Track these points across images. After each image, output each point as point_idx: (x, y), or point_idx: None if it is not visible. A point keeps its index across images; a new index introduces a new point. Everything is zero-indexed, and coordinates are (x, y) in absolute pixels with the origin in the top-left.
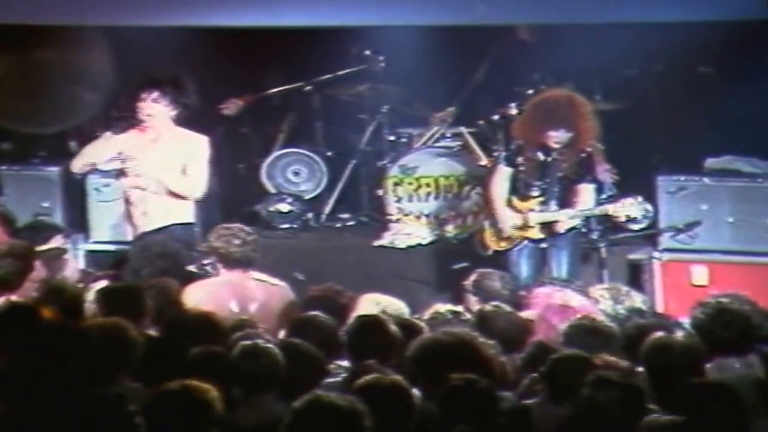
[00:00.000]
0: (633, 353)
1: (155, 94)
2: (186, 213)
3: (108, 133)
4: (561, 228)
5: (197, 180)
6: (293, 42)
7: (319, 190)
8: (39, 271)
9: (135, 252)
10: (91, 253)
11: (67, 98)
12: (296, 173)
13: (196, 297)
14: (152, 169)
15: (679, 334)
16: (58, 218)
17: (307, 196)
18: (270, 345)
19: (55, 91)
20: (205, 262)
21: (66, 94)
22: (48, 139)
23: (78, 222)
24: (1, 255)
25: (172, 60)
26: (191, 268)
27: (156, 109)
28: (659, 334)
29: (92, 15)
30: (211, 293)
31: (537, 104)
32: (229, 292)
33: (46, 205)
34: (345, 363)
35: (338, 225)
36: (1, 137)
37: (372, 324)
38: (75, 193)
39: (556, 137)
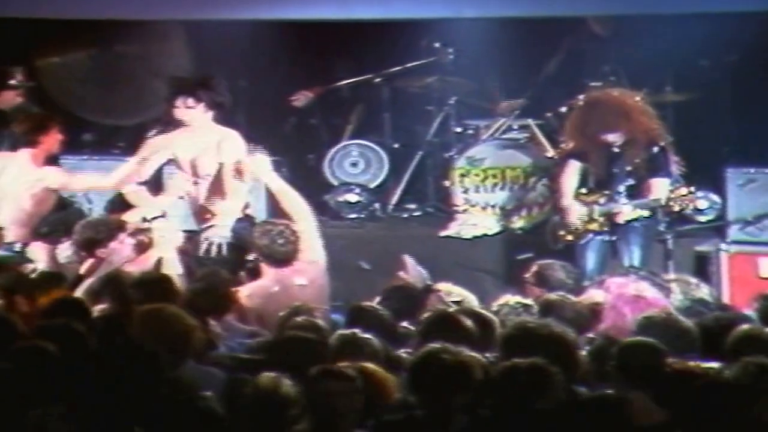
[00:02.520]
0: (713, 347)
1: (189, 101)
2: (237, 209)
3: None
4: (621, 219)
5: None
6: (363, 35)
7: (378, 182)
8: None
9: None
10: None
11: (146, 91)
12: (354, 164)
13: (254, 304)
14: (200, 171)
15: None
16: None
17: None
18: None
19: (134, 83)
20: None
21: (145, 86)
22: (127, 131)
23: None
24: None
25: (245, 52)
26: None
27: (191, 114)
28: (745, 326)
29: (170, 10)
30: (266, 297)
31: (586, 108)
32: (281, 292)
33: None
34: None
35: (405, 215)
36: (84, 128)
37: (447, 318)
38: (151, 183)
39: (613, 137)
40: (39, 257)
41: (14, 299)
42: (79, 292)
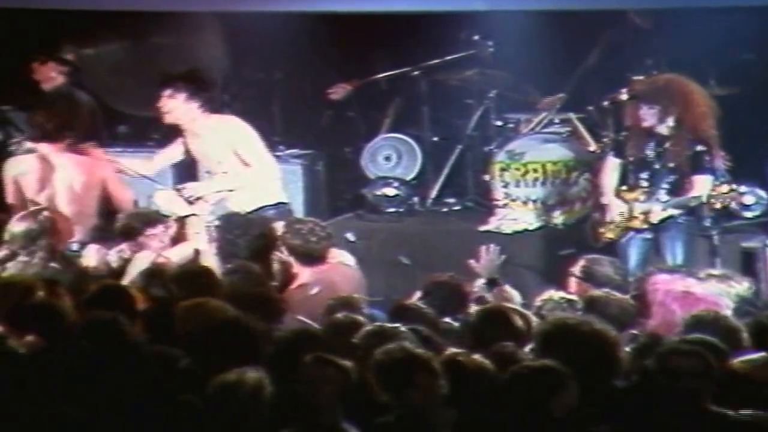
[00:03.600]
0: (765, 343)
1: (169, 91)
2: (274, 193)
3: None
4: (654, 218)
5: (260, 163)
6: (401, 27)
7: (412, 175)
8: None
9: (230, 222)
10: None
11: None
12: (387, 158)
13: (297, 308)
14: (213, 161)
15: None
16: None
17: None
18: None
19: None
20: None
21: None
22: (162, 123)
23: None
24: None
25: (281, 44)
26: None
27: (170, 104)
28: None
29: (206, 1)
30: (309, 299)
31: (637, 85)
32: (323, 292)
33: (159, 187)
34: None
35: (444, 209)
36: (118, 120)
37: (498, 313)
38: (188, 175)
39: (645, 113)
40: (92, 258)
41: (58, 290)
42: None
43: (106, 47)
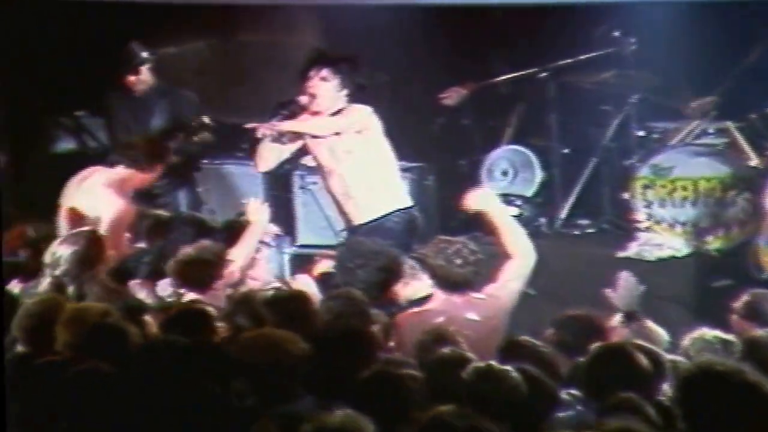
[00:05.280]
0: None
1: (324, 72)
2: (401, 197)
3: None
4: None
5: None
6: (525, 21)
7: (529, 193)
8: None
9: (353, 250)
10: (298, 257)
11: (272, 85)
12: (504, 173)
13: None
14: (342, 151)
15: None
16: None
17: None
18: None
19: (259, 77)
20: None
21: (272, 80)
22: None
23: (284, 223)
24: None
25: (387, 42)
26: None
27: (323, 87)
28: None
29: None
30: (427, 325)
31: None
32: (445, 324)
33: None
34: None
35: (575, 232)
36: (202, 128)
37: (620, 353)
38: (281, 191)
39: None
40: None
41: (141, 319)
42: None
43: (189, 45)
